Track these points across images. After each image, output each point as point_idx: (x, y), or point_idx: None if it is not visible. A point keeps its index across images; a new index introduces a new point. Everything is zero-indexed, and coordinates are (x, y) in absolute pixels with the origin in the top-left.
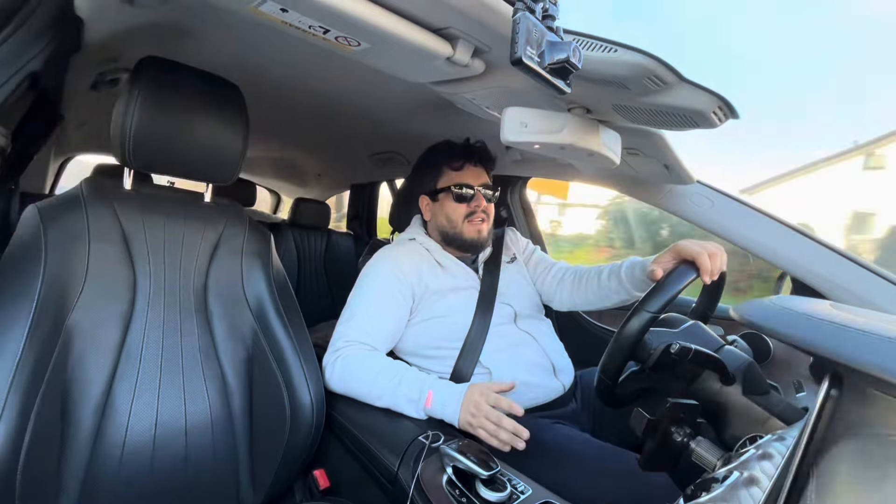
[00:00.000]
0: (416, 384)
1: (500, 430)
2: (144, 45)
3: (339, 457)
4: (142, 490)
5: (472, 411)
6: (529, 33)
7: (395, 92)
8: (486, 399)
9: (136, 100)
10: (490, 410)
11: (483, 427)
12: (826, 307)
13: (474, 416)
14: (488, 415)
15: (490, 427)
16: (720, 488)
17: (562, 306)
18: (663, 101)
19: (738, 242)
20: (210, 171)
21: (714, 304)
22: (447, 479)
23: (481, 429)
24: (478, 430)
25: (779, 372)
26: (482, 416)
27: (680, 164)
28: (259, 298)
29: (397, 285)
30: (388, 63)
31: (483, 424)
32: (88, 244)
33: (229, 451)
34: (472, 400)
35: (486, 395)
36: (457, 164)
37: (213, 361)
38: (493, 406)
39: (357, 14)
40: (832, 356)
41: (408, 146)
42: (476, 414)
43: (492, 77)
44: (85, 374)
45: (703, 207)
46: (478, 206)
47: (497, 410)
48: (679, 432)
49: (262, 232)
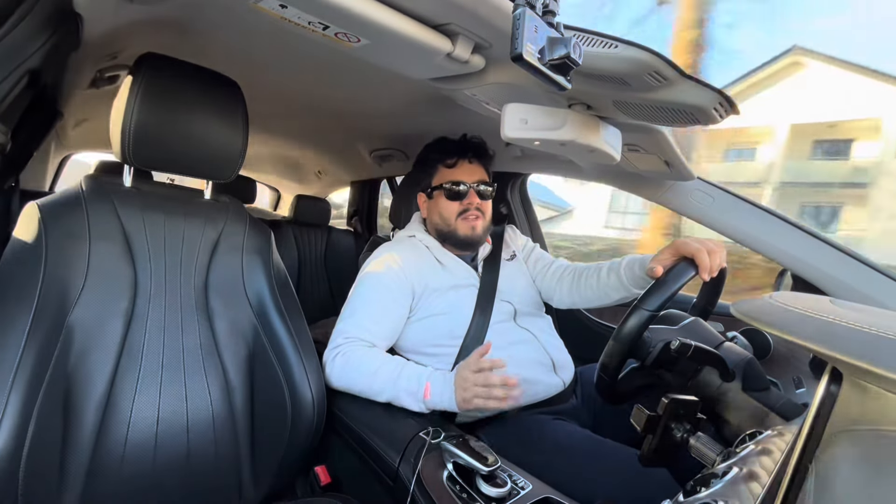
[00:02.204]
0: (415, 377)
1: (491, 388)
2: (144, 42)
3: (340, 453)
4: (144, 487)
5: (462, 387)
6: (530, 29)
7: (396, 88)
8: (468, 368)
9: (135, 97)
10: (476, 376)
11: (476, 395)
12: (826, 303)
13: (465, 390)
14: (475, 381)
15: (481, 391)
16: (719, 484)
17: (561, 304)
18: (664, 98)
19: (738, 239)
20: (210, 168)
21: (714, 300)
22: (448, 474)
23: (476, 398)
24: (473, 402)
25: (778, 368)
26: (471, 385)
27: (681, 160)
28: (260, 295)
29: (397, 282)
30: (388, 59)
31: (475, 392)
32: (89, 242)
33: (231, 447)
34: (459, 377)
35: (466, 366)
36: (451, 161)
37: (214, 358)
38: (476, 371)
39: (357, 10)
40: (831, 353)
41: (408, 143)
42: (466, 387)
43: (492, 73)
44: (86, 371)
45: (703, 204)
46: (471, 203)
47: (482, 373)
48: (679, 428)
49: (262, 229)
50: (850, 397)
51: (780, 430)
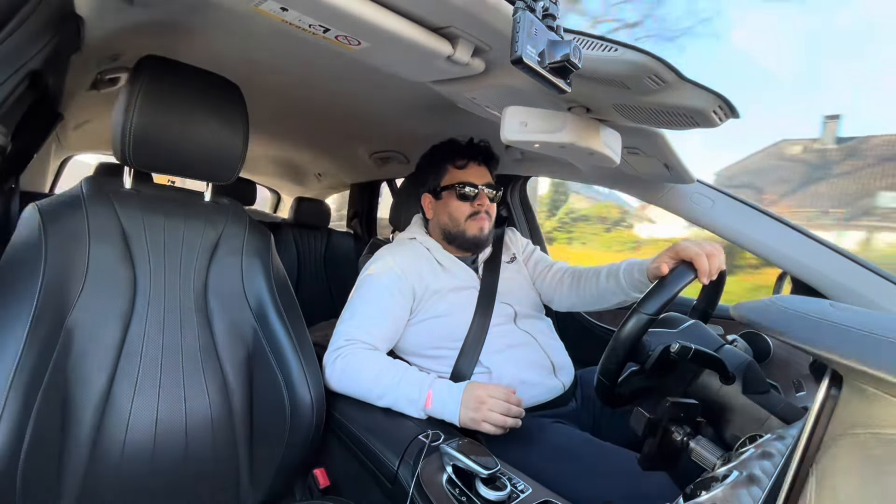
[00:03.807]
0: (416, 384)
1: (507, 419)
2: (144, 44)
3: (338, 456)
4: (142, 488)
5: (474, 406)
6: (530, 32)
7: (396, 91)
8: (487, 392)
9: (136, 99)
10: (495, 402)
11: (488, 420)
12: (825, 306)
13: (477, 411)
14: (497, 408)
15: (497, 418)
16: (720, 487)
17: (561, 306)
18: (664, 101)
19: (738, 242)
20: (210, 170)
21: (714, 302)
22: (447, 477)
23: (485, 422)
24: (482, 425)
25: (778, 371)
26: (486, 409)
27: (680, 163)
28: (259, 297)
29: (398, 285)
30: (388, 62)
31: (488, 417)
32: (88, 243)
33: (229, 449)
34: (472, 396)
35: (487, 389)
36: (461, 163)
37: (213, 360)
38: (500, 399)
39: (357, 13)
40: (831, 356)
41: (408, 145)
42: (479, 408)
43: (492, 76)
44: (85, 372)
45: (703, 207)
46: (481, 205)
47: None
48: (679, 431)
49: (262, 231)
50: (850, 400)
51: (780, 434)
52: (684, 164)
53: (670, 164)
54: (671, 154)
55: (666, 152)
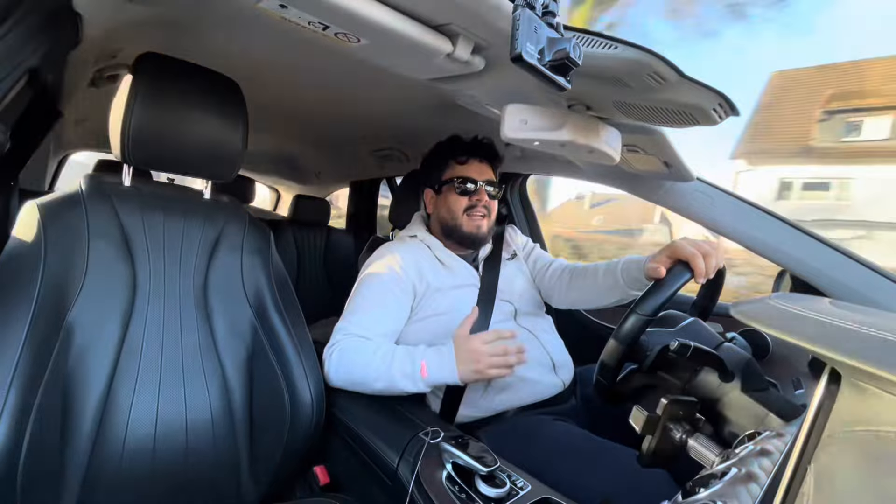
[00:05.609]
0: (408, 358)
1: (507, 357)
2: (143, 42)
3: (339, 453)
4: (142, 486)
5: (472, 359)
6: (529, 30)
7: (396, 88)
8: (481, 340)
9: (135, 96)
10: (490, 348)
11: (492, 365)
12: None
13: (477, 363)
14: (492, 351)
15: (498, 360)
16: (718, 484)
17: (560, 304)
18: (664, 98)
19: (737, 240)
20: (210, 168)
21: (714, 300)
22: (446, 475)
23: (490, 368)
24: (487, 372)
25: (777, 369)
26: (486, 356)
27: (680, 161)
28: (259, 295)
29: (398, 282)
30: (388, 60)
31: (491, 363)
32: (88, 241)
33: (230, 447)
34: (465, 350)
35: (476, 339)
36: (462, 159)
37: (213, 358)
38: (489, 342)
39: (357, 10)
40: (830, 354)
41: (408, 143)
42: (478, 359)
43: (492, 74)
44: (85, 371)
45: (702, 205)
46: (479, 200)
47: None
48: (678, 429)
49: (261, 229)
50: (848, 398)
51: (778, 431)
52: (684, 161)
53: (670, 161)
54: (671, 152)
55: (666, 150)
